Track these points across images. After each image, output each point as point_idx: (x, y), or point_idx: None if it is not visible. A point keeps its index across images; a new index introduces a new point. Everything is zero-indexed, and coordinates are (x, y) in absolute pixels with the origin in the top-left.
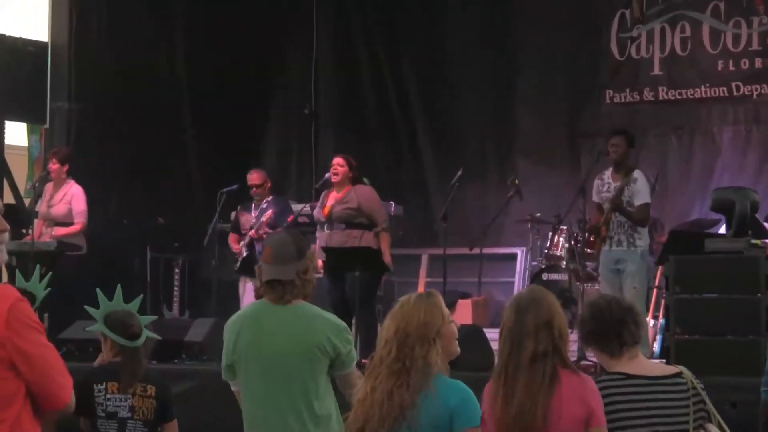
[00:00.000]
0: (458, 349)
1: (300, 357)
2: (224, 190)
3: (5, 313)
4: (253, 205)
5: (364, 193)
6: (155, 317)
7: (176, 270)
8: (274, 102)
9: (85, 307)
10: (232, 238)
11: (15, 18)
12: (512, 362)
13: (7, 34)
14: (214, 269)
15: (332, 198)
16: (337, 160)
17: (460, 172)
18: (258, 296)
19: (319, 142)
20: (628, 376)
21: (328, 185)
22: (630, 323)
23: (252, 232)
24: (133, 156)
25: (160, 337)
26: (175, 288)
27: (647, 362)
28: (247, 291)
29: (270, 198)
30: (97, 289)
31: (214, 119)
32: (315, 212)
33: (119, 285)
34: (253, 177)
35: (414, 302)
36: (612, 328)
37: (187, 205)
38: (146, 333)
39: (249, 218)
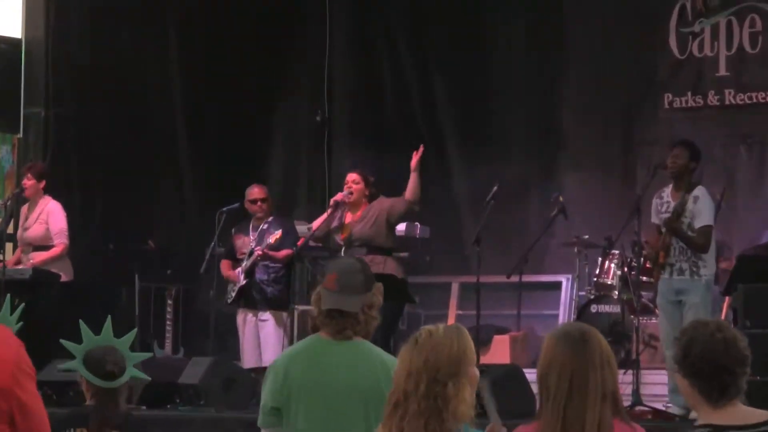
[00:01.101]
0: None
1: (356, 401)
2: (224, 209)
3: (12, 361)
4: (251, 226)
5: (382, 201)
6: (149, 354)
7: (169, 301)
8: (280, 108)
9: (62, 341)
10: (224, 265)
11: None
12: (574, 404)
13: None
14: (213, 300)
15: (348, 218)
16: (352, 177)
17: (495, 188)
18: (313, 328)
19: (333, 154)
20: (716, 428)
21: (340, 205)
22: (740, 375)
23: (258, 250)
24: (119, 170)
25: (149, 378)
26: (168, 322)
27: (743, 409)
28: (247, 325)
29: (271, 219)
30: (81, 321)
31: (211, 127)
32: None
33: (109, 317)
34: (255, 191)
35: (444, 332)
36: (720, 376)
37: (182, 226)
38: (131, 372)
39: (246, 242)
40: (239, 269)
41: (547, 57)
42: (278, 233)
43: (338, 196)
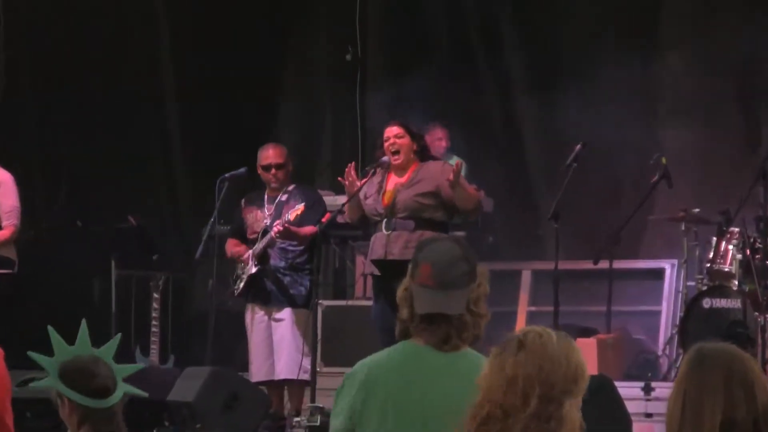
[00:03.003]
0: None
1: None
2: (226, 175)
3: (4, 379)
4: (266, 197)
5: (444, 167)
6: (141, 366)
7: (155, 295)
8: (297, 45)
9: (30, 353)
10: (230, 244)
11: None
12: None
13: None
14: (212, 294)
15: (392, 182)
16: (393, 130)
17: (578, 147)
18: (402, 334)
19: (367, 104)
20: None
21: (384, 168)
22: None
23: (277, 227)
24: (90, 129)
25: (146, 394)
26: (154, 322)
27: None
28: (257, 326)
29: (291, 187)
30: (50, 328)
31: (208, 73)
32: (369, 202)
33: (84, 321)
34: (270, 154)
35: (560, 342)
36: None
37: (171, 199)
38: (124, 388)
39: (259, 217)
40: (249, 252)
41: None
42: (300, 207)
43: (383, 159)
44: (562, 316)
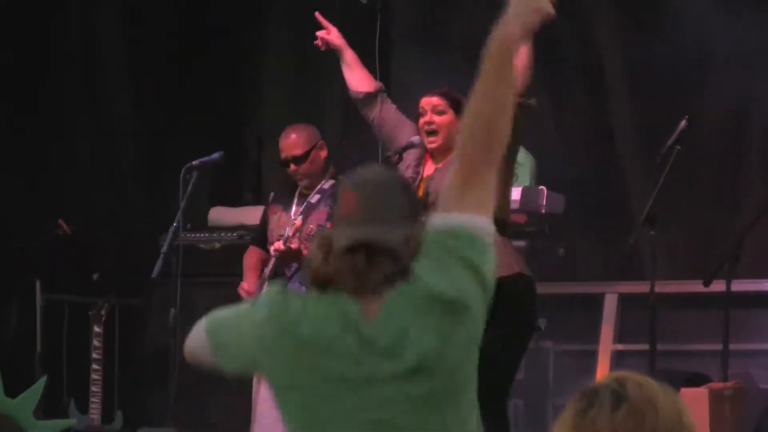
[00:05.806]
0: None
1: (404, 386)
2: (194, 162)
3: None
4: (296, 196)
5: None
6: (70, 422)
7: (96, 329)
8: None
9: None
10: (251, 255)
11: None
12: None
13: None
14: (174, 327)
15: (428, 169)
16: (431, 101)
17: (683, 123)
18: (316, 280)
19: (393, 66)
20: None
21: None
22: None
23: (277, 245)
24: (10, 106)
25: None
26: (94, 366)
27: None
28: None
29: (328, 184)
30: None
31: (166, 25)
32: None
33: None
34: (286, 144)
35: (667, 395)
36: None
37: (118, 196)
38: None
39: (283, 221)
40: (267, 269)
41: None
42: (297, 222)
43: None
44: (662, 358)
